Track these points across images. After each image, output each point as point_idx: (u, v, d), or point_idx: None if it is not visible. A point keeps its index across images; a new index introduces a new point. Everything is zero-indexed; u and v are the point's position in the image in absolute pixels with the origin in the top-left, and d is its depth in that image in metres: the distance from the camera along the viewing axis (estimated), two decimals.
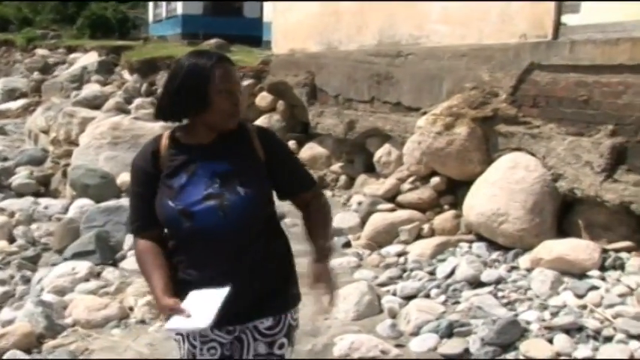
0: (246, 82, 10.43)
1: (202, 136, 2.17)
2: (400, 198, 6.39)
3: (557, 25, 5.39)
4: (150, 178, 2.15)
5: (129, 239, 6.31)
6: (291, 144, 8.84)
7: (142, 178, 2.18)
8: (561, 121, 5.27)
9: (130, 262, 5.90)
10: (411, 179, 6.43)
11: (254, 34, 20.62)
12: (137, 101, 12.24)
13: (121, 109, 11.93)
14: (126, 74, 15.09)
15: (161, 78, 13.02)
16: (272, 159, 2.24)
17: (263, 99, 10.37)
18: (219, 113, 2.11)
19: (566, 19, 5.43)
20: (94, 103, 12.50)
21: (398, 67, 7.23)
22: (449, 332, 4.23)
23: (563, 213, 5.31)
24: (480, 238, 5.56)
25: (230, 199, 2.09)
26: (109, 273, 5.71)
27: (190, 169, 2.14)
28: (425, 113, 6.34)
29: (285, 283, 2.29)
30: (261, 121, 10.01)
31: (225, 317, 2.06)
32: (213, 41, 17.09)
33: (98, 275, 5.72)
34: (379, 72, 7.50)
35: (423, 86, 6.79)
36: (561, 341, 3.88)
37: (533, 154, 5.36)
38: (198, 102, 2.09)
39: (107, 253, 6.19)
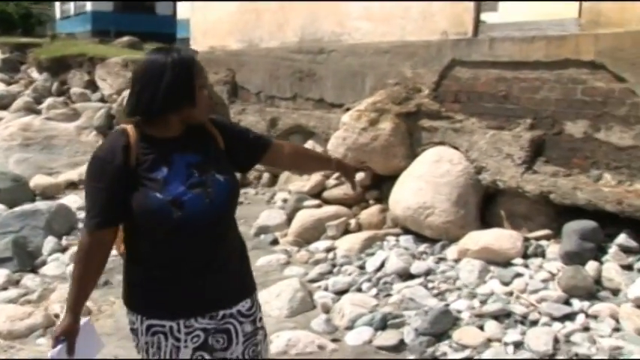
0: None
1: (173, 130, 2.18)
2: (326, 194, 6.44)
3: (477, 22, 5.57)
4: (119, 173, 2.08)
5: (48, 244, 6.08)
6: None
7: (109, 172, 2.08)
8: (482, 116, 5.45)
9: (51, 268, 5.69)
10: (336, 175, 6.48)
11: (167, 32, 20.26)
12: (48, 101, 11.74)
13: (31, 109, 11.45)
14: (34, 72, 14.50)
15: (73, 76, 12.59)
16: (230, 140, 2.34)
17: None
18: (200, 107, 2.17)
19: (485, 17, 5.61)
20: (0, 103, 11.98)
21: (320, 63, 7.27)
22: (383, 325, 4.30)
23: (486, 204, 5.49)
24: (407, 231, 5.67)
25: (213, 186, 2.16)
26: (29, 280, 5.47)
27: (168, 161, 2.14)
28: (348, 109, 6.41)
29: (248, 266, 2.44)
30: None
31: (208, 303, 2.21)
32: (125, 39, 16.69)
33: (17, 283, 5.46)
34: (301, 69, 7.52)
35: (345, 83, 6.86)
36: (491, 327, 4.01)
37: (456, 148, 5.51)
38: (187, 97, 2.13)
39: (25, 259, 5.92)
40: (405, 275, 4.94)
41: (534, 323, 4.04)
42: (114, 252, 2.27)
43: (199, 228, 2.13)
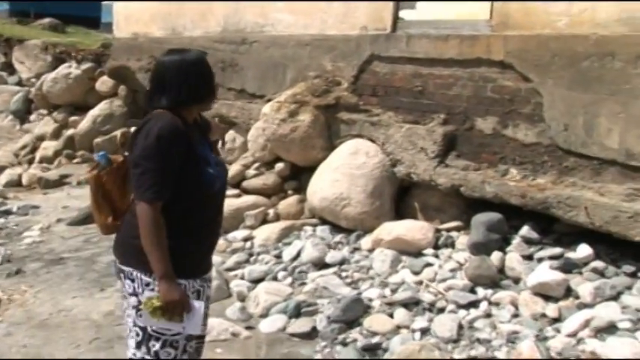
0: (85, 66, 10.02)
1: (191, 118, 2.55)
2: (245, 184, 6.47)
3: (396, 19, 5.72)
4: (181, 151, 2.40)
5: None
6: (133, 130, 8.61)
7: (174, 151, 2.37)
8: (399, 110, 5.61)
9: None
10: (255, 165, 6.54)
11: (91, 16, 19.71)
12: None
13: None
14: None
15: None
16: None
17: (103, 84, 10.01)
18: (214, 96, 2.62)
19: (403, 14, 5.76)
20: None
21: (242, 54, 7.29)
22: (297, 312, 4.39)
23: (400, 196, 5.66)
24: (324, 221, 5.78)
25: (221, 166, 2.66)
26: None
27: (201, 142, 2.57)
28: (269, 100, 6.46)
29: None
30: (101, 107, 9.67)
31: (206, 266, 2.66)
32: (46, 20, 16.18)
33: None
34: (224, 59, 7.52)
35: (267, 74, 6.91)
36: (401, 315, 4.17)
37: (373, 141, 5.65)
38: (212, 90, 2.58)
39: None
40: (320, 264, 5.05)
41: (441, 310, 4.21)
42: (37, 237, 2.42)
43: (220, 200, 2.63)
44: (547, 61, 4.54)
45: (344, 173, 5.53)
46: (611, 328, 3.59)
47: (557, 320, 3.87)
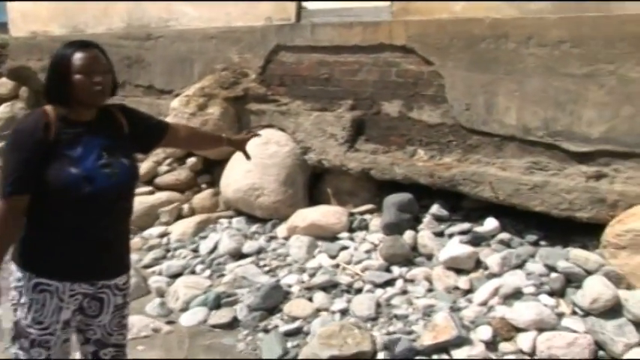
0: None
1: (84, 115, 2.42)
2: (158, 180, 6.40)
3: (299, 9, 5.78)
4: (39, 146, 2.30)
5: None
6: None
7: (29, 144, 2.30)
8: (307, 98, 5.68)
9: None
10: (167, 161, 6.47)
11: None
12: None
13: None
14: None
15: None
16: (135, 126, 2.60)
17: (3, 85, 9.62)
18: (84, 94, 2.35)
19: (307, 3, 5.82)
20: None
21: (148, 49, 7.18)
22: (217, 304, 4.41)
23: (313, 183, 5.74)
24: (239, 212, 5.80)
25: (118, 168, 2.43)
26: None
27: (82, 142, 2.39)
28: (178, 95, 6.40)
29: (129, 246, 2.70)
30: (1, 110, 9.30)
31: (95, 272, 2.48)
32: None
33: None
34: (129, 55, 7.39)
35: (174, 68, 6.84)
36: (320, 298, 4.24)
37: (283, 130, 5.70)
38: (65, 84, 2.35)
39: None
40: (238, 255, 5.08)
41: (359, 291, 4.31)
42: None
43: (103, 203, 2.41)
44: (446, 44, 4.70)
45: (256, 164, 5.53)
46: (517, 294, 3.77)
47: (469, 291, 4.04)
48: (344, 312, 4.10)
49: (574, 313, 3.60)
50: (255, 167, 5.51)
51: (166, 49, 6.94)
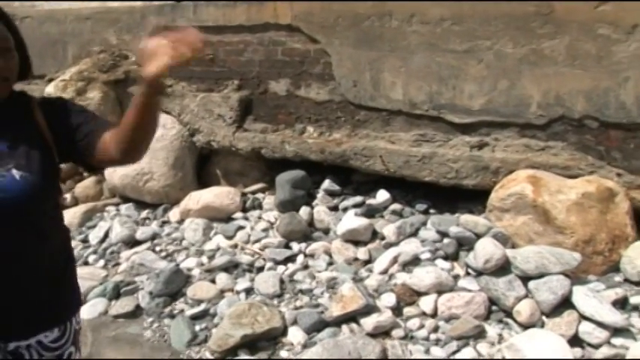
0: None
1: None
2: None
3: None
4: None
5: None
6: None
7: None
8: (192, 80, 5.60)
9: None
10: None
11: None
12: None
13: None
14: None
15: None
16: (60, 129, 1.86)
17: None
18: None
19: None
20: None
21: None
22: (116, 293, 4.32)
23: (202, 165, 5.70)
24: (127, 199, 5.66)
25: (2, 185, 1.71)
26: None
27: None
28: (51, 80, 6.10)
29: (67, 285, 2.00)
30: None
31: None
32: None
33: None
34: None
35: (45, 52, 6.49)
36: (223, 279, 4.26)
37: (168, 113, 5.60)
38: None
39: None
40: (132, 242, 4.98)
41: (261, 269, 4.37)
42: None
43: None
44: (332, 23, 4.80)
45: None
46: (415, 261, 3.98)
47: (368, 262, 4.20)
48: (249, 291, 4.15)
49: (468, 274, 3.85)
50: None
51: (34, 30, 6.56)
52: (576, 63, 3.98)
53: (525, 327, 3.45)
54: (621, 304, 3.50)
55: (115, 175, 5.58)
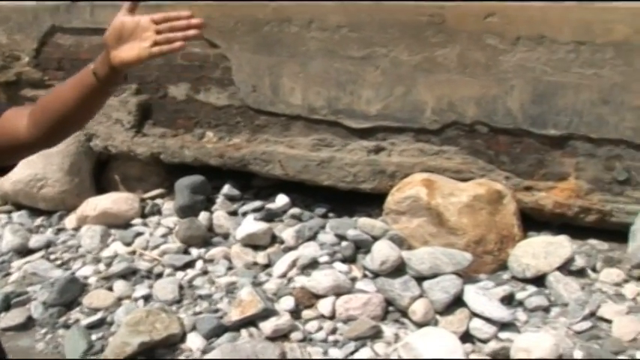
0: None
1: None
2: None
3: None
4: None
5: None
6: None
7: None
8: None
9: None
10: None
11: None
12: None
13: None
14: None
15: None
16: None
17: None
18: None
19: None
20: None
21: None
22: (6, 305, 4.15)
23: (100, 170, 5.57)
24: (20, 206, 5.45)
25: None
26: None
27: None
28: None
29: None
30: None
31: None
32: None
33: None
34: None
35: None
36: (120, 287, 4.18)
37: None
38: None
39: None
40: (24, 251, 4.79)
41: (159, 276, 4.31)
42: None
43: None
44: (231, 28, 4.80)
45: (38, 153, 5.25)
46: (313, 264, 4.04)
47: (268, 266, 4.23)
48: (147, 298, 4.09)
49: (365, 276, 3.94)
50: (37, 157, 5.20)
51: None
52: (467, 71, 4.17)
53: (420, 326, 3.57)
54: (508, 300, 3.70)
55: (7, 181, 5.36)
